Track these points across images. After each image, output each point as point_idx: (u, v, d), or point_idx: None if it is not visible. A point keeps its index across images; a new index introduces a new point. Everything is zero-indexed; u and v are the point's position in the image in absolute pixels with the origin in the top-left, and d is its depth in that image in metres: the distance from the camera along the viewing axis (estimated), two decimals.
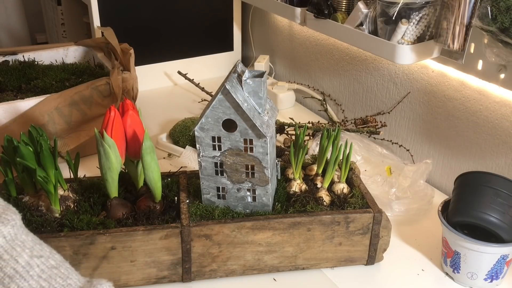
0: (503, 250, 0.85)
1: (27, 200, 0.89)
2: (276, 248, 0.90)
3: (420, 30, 1.00)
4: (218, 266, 0.90)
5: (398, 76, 1.25)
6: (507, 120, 1.02)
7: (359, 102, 1.40)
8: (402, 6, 0.97)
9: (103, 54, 1.45)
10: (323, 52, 1.48)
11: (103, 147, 0.83)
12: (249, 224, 0.87)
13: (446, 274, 0.94)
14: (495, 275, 0.89)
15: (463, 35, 0.92)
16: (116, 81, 1.24)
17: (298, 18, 1.28)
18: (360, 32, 1.09)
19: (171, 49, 1.67)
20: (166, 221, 0.87)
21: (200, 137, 0.85)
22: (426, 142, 1.22)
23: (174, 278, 0.89)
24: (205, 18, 1.69)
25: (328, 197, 0.94)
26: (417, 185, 1.09)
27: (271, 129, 0.86)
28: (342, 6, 1.17)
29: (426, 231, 1.04)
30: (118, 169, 0.87)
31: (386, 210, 1.02)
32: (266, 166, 0.86)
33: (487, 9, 0.86)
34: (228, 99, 0.81)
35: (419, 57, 1.03)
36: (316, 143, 1.20)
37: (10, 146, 0.87)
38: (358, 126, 1.28)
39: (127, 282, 0.88)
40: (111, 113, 0.85)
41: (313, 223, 0.88)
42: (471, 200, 0.88)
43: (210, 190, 0.90)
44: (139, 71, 1.40)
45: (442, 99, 1.14)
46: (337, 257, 0.93)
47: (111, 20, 1.51)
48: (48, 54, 1.46)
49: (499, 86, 0.98)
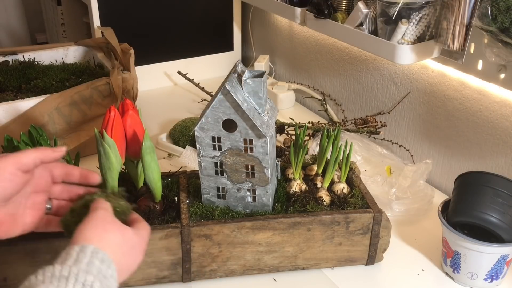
0: (503, 250, 0.85)
1: None
2: (276, 248, 0.90)
3: (420, 30, 1.00)
4: (218, 266, 0.89)
5: (398, 76, 1.25)
6: (507, 120, 1.01)
7: (359, 102, 1.40)
8: (402, 6, 0.97)
9: (103, 54, 1.44)
10: (323, 52, 1.48)
11: (103, 147, 0.83)
12: (249, 224, 0.87)
13: (446, 274, 0.94)
14: (495, 275, 0.89)
15: (463, 35, 0.92)
16: (116, 81, 1.24)
17: (298, 18, 1.28)
18: (360, 32, 1.09)
19: (171, 49, 1.67)
20: (166, 221, 0.87)
21: (200, 137, 0.85)
22: (426, 142, 1.22)
23: (174, 278, 0.89)
24: (205, 18, 1.69)
25: (328, 197, 0.94)
26: (417, 185, 1.09)
27: (271, 129, 0.86)
28: (342, 6, 1.17)
29: (426, 231, 1.04)
30: (118, 169, 0.87)
31: (386, 210, 1.02)
32: (266, 166, 0.86)
33: (487, 9, 0.86)
34: (228, 99, 0.81)
35: (419, 57, 1.03)
36: (316, 143, 1.20)
37: (10, 146, 0.87)
38: (358, 126, 1.28)
39: (127, 282, 0.88)
40: (111, 113, 0.85)
41: (313, 223, 0.88)
42: (471, 200, 0.88)
43: (210, 190, 0.90)
44: (139, 71, 1.40)
45: (442, 99, 1.14)
46: (337, 257, 0.93)
47: (111, 20, 1.51)
48: (48, 54, 1.46)
49: (499, 86, 0.98)
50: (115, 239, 0.67)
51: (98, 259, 0.61)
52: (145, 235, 0.74)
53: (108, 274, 0.62)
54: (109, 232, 0.67)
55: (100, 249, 0.63)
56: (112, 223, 0.69)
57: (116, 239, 0.67)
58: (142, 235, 0.73)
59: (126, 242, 0.68)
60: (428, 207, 1.07)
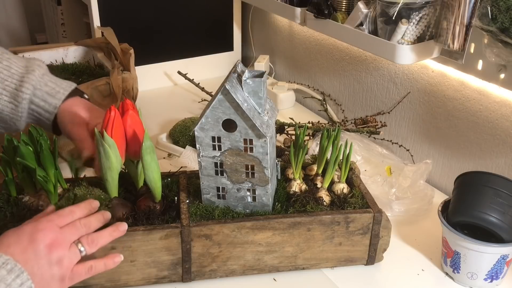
0: (503, 250, 0.85)
1: (27, 200, 0.89)
2: (276, 248, 0.90)
3: (420, 30, 1.00)
4: (218, 266, 0.90)
5: (398, 76, 1.25)
6: (507, 120, 1.02)
7: (359, 102, 1.40)
8: (402, 6, 0.97)
9: (103, 54, 1.44)
10: (323, 52, 1.48)
11: (103, 147, 0.83)
12: (249, 224, 0.87)
13: (446, 274, 0.94)
14: (495, 275, 0.89)
15: (463, 35, 0.92)
16: (116, 81, 1.24)
17: (298, 18, 1.28)
18: (360, 32, 1.09)
19: (171, 49, 1.67)
20: (166, 221, 0.87)
21: (200, 137, 0.85)
22: (426, 142, 1.22)
23: (174, 278, 0.89)
24: (205, 18, 1.69)
25: (328, 197, 0.94)
26: (417, 185, 1.09)
27: (271, 129, 0.86)
28: (342, 6, 1.17)
29: (426, 231, 1.04)
30: (118, 169, 0.87)
31: (386, 210, 1.02)
32: (266, 166, 0.86)
33: (487, 9, 0.86)
34: (228, 99, 0.81)
35: (419, 57, 1.03)
36: (316, 143, 1.20)
37: (10, 146, 0.87)
38: (358, 126, 1.29)
39: (127, 282, 0.88)
40: (111, 113, 0.85)
41: (313, 223, 0.88)
42: (471, 200, 0.88)
43: (210, 190, 0.90)
44: (139, 71, 1.40)
45: (442, 99, 1.14)
46: (337, 257, 0.93)
47: (111, 20, 1.51)
48: (48, 54, 1.46)
49: (499, 86, 0.98)
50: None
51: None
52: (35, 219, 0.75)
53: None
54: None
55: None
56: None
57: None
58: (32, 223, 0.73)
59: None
60: (428, 207, 1.07)
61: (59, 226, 0.73)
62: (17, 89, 0.92)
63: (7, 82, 0.90)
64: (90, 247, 0.74)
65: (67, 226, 0.74)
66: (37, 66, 0.95)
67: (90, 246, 0.75)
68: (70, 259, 0.72)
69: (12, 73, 0.90)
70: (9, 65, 0.92)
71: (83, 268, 0.74)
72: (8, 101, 0.92)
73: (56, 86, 0.96)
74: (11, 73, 0.90)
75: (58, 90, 0.95)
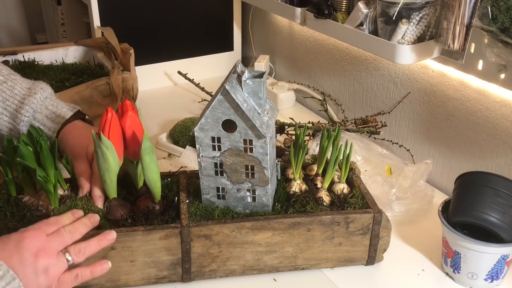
0: (503, 250, 0.85)
1: (27, 200, 0.89)
2: (276, 248, 0.89)
3: (420, 30, 1.00)
4: (218, 266, 0.89)
5: (398, 76, 1.25)
6: (507, 120, 1.01)
7: (359, 102, 1.40)
8: (402, 6, 0.97)
9: (103, 54, 1.44)
10: (323, 52, 1.48)
11: (100, 149, 0.83)
12: (249, 224, 0.86)
13: (446, 274, 0.94)
14: (495, 275, 0.88)
15: (463, 35, 0.92)
16: (116, 81, 1.24)
17: (298, 18, 1.28)
18: (360, 32, 1.09)
19: (171, 49, 1.67)
20: (166, 221, 0.87)
21: (200, 138, 0.85)
22: (426, 142, 1.22)
23: (174, 278, 0.89)
24: (205, 18, 1.69)
25: (328, 197, 0.94)
26: (417, 185, 1.09)
27: (271, 129, 0.86)
28: (342, 6, 1.17)
29: (426, 231, 1.04)
30: (117, 170, 0.87)
31: (386, 210, 1.02)
32: (266, 167, 0.86)
33: (487, 9, 0.86)
34: (227, 99, 0.81)
35: (419, 57, 1.03)
36: (316, 143, 1.20)
37: (10, 146, 0.87)
38: (358, 126, 1.28)
39: (127, 282, 0.88)
40: (108, 115, 0.84)
41: (313, 223, 0.88)
42: (471, 200, 0.88)
43: (210, 190, 0.90)
44: (139, 71, 1.40)
45: (442, 99, 1.14)
46: (337, 257, 0.93)
47: (111, 20, 1.51)
48: (48, 54, 1.46)
49: (499, 86, 0.98)
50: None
51: None
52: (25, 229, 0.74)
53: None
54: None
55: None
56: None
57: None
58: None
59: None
60: (428, 207, 1.07)
61: (46, 234, 0.73)
62: (17, 111, 0.93)
63: (9, 102, 0.92)
64: (77, 256, 0.74)
65: (53, 234, 0.74)
66: (40, 89, 0.96)
67: (77, 256, 0.74)
68: (58, 268, 0.72)
69: (14, 93, 0.92)
70: (13, 86, 0.93)
71: (69, 276, 0.73)
72: (8, 121, 0.94)
73: (57, 110, 0.97)
74: (13, 94, 0.92)
75: (58, 114, 0.97)
